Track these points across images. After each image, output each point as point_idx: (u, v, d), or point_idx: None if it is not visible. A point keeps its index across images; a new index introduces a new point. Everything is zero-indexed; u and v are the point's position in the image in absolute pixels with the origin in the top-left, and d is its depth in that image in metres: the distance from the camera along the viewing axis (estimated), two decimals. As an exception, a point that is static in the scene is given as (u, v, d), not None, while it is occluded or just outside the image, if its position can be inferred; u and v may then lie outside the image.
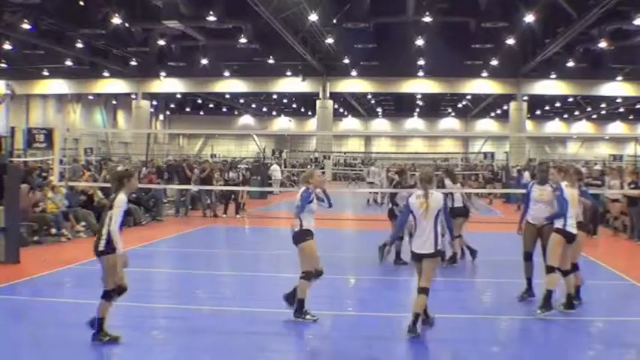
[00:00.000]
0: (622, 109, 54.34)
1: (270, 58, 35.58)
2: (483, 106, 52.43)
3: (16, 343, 6.08)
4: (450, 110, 61.29)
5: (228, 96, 51.07)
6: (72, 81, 41.16)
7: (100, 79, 41.15)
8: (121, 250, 5.75)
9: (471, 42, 31.35)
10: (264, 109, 62.72)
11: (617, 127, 60.35)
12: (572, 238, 7.18)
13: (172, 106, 60.56)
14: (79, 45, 32.21)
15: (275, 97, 53.72)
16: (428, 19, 27.71)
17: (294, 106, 59.51)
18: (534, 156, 43.69)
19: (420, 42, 30.80)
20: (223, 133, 59.07)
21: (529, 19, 25.55)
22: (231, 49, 33.84)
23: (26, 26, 27.11)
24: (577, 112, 58.38)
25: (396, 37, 31.16)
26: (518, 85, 38.74)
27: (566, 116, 61.00)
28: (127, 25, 29.07)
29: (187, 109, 60.55)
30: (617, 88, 38.78)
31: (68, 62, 35.86)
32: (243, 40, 30.22)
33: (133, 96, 42.33)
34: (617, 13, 24.44)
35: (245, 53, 34.52)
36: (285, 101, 57.82)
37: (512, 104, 40.39)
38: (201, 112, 61.96)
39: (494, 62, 34.22)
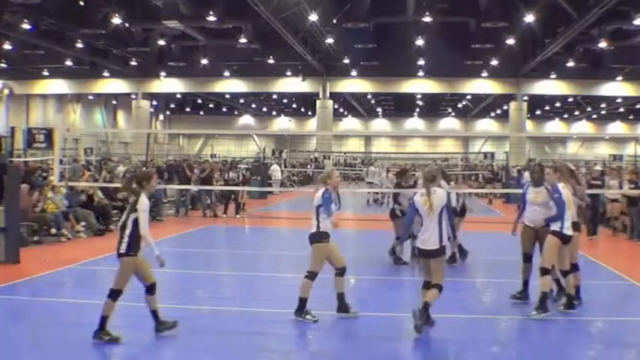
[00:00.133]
0: (622, 109, 54.28)
1: (270, 58, 35.55)
2: (483, 106, 52.38)
3: (16, 343, 6.08)
4: (450, 110, 61.23)
5: (228, 96, 51.02)
6: (72, 81, 41.09)
7: (100, 79, 41.08)
8: (157, 251, 6.01)
9: (471, 42, 31.31)
10: (264, 109, 62.67)
11: (617, 127, 60.30)
12: (569, 240, 7.20)
13: (172, 106, 60.50)
14: (79, 45, 32.17)
15: (275, 97, 53.66)
16: (428, 19, 27.67)
17: (294, 106, 59.46)
18: (534, 156, 43.62)
19: (420, 42, 30.76)
20: (223, 133, 59.01)
21: (529, 19, 25.52)
22: (231, 49, 33.80)
23: (26, 26, 27.07)
24: (577, 112, 58.32)
25: (396, 37, 31.12)
26: (518, 85, 38.69)
27: (566, 116, 60.95)
28: (127, 25, 29.04)
29: (187, 109, 60.48)
30: (617, 88, 38.72)
31: (68, 62, 35.81)
32: (243, 40, 30.20)
33: (133, 96, 42.27)
34: (617, 13, 24.41)
35: (245, 53, 34.49)
36: (285, 101, 57.77)
37: (512, 104, 40.33)
38: (201, 112, 61.90)
39: (494, 62, 34.18)
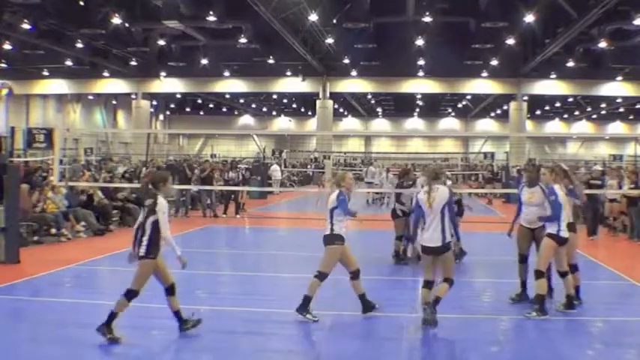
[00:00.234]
0: (622, 109, 54.26)
1: (270, 58, 35.52)
2: (483, 106, 52.36)
3: (16, 343, 6.08)
4: (450, 110, 61.21)
5: (228, 96, 51.00)
6: (72, 81, 41.06)
7: (100, 79, 41.05)
8: (179, 251, 5.96)
9: (471, 42, 31.30)
10: (264, 109, 62.64)
11: (617, 127, 60.30)
12: (565, 242, 7.18)
13: (172, 106, 60.46)
14: (79, 45, 32.12)
15: (275, 97, 53.63)
16: (428, 19, 27.64)
17: (294, 106, 59.44)
18: (534, 156, 43.62)
19: (420, 42, 30.72)
20: (223, 133, 58.98)
21: (529, 19, 25.49)
22: (231, 49, 33.78)
23: (26, 26, 27.04)
24: (577, 112, 58.31)
25: (396, 37, 31.08)
26: (518, 85, 38.68)
27: (566, 116, 60.95)
28: (127, 25, 29.01)
29: (187, 109, 60.45)
30: (617, 88, 38.70)
31: (68, 62, 35.77)
32: (243, 40, 30.18)
33: (133, 96, 42.24)
34: (617, 13, 24.39)
35: (245, 53, 34.48)
36: (285, 101, 57.74)
37: (512, 104, 40.31)
38: (201, 112, 61.88)
39: (494, 62, 34.14)
